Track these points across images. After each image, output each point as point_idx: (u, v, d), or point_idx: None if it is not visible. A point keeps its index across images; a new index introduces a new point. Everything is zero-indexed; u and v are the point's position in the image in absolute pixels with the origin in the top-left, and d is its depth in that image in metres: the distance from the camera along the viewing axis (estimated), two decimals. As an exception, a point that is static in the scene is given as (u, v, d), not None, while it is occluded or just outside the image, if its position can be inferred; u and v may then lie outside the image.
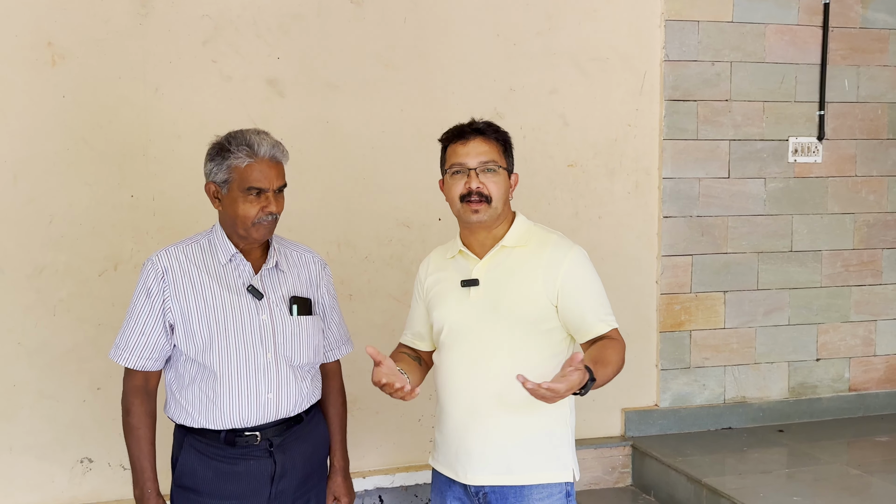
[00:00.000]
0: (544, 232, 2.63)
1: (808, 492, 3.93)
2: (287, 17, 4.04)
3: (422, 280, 2.74)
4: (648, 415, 4.74)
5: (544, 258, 2.53)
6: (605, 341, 2.51)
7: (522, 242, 2.57)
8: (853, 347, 5.05)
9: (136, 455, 2.58)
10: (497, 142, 2.57)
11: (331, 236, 4.15)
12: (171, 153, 3.89)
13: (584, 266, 2.56)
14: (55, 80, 3.76)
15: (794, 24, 4.78)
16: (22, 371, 3.81)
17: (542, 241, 2.58)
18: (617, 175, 4.60)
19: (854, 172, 4.97)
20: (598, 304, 2.55)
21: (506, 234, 2.58)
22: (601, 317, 2.53)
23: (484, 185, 2.50)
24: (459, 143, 2.54)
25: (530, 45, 4.40)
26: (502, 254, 2.56)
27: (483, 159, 2.52)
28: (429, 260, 2.76)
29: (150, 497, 2.58)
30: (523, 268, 2.53)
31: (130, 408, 2.59)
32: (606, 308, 2.56)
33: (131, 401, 2.59)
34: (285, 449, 2.59)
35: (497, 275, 2.54)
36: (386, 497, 4.27)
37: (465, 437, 2.53)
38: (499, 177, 2.53)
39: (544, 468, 2.52)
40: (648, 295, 4.71)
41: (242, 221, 2.50)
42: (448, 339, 2.58)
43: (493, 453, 2.50)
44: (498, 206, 2.53)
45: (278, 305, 2.58)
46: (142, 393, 2.59)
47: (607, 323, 2.53)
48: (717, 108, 4.71)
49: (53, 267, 3.81)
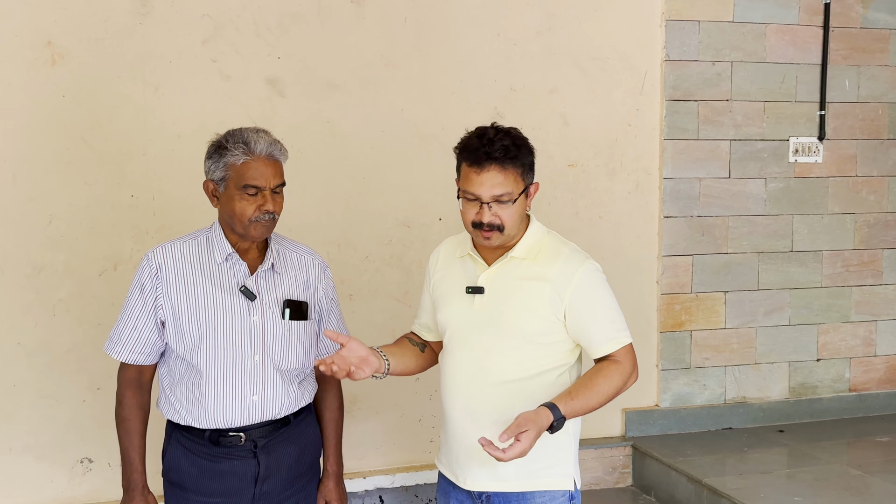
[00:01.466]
0: (557, 243, 2.53)
1: (809, 492, 3.92)
2: (287, 16, 4.03)
3: (431, 273, 2.68)
4: (649, 415, 4.73)
5: (553, 273, 2.45)
6: (602, 365, 2.46)
7: (533, 254, 2.48)
8: (854, 348, 5.04)
9: (125, 446, 2.60)
10: (516, 168, 2.40)
11: (331, 236, 4.15)
12: (171, 153, 3.88)
13: (594, 283, 2.48)
14: (55, 80, 3.75)
15: (795, 23, 4.78)
16: (21, 371, 3.80)
17: (554, 254, 2.49)
18: (617, 175, 4.60)
19: (854, 172, 4.96)
20: (607, 322, 2.48)
21: (517, 244, 2.49)
22: (610, 335, 2.48)
23: (497, 216, 2.39)
24: (474, 171, 2.37)
25: (530, 45, 4.40)
26: (511, 264, 2.48)
27: (497, 192, 2.37)
28: (438, 252, 2.69)
29: (136, 488, 2.60)
30: (531, 281, 2.45)
31: (122, 399, 2.60)
32: (617, 325, 2.50)
33: (123, 392, 2.60)
34: (270, 450, 2.57)
35: (503, 285, 2.48)
36: (386, 497, 4.26)
37: (465, 442, 2.51)
38: (514, 206, 2.41)
39: (544, 475, 2.49)
40: (649, 295, 4.70)
41: (239, 220, 2.48)
42: (451, 344, 2.56)
43: (492, 460, 2.42)
44: (511, 231, 2.44)
45: (271, 308, 2.56)
46: (134, 385, 2.60)
47: (617, 341, 2.48)
48: (717, 108, 4.70)
49: (53, 267, 3.81)
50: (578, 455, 2.62)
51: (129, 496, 2.61)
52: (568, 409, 2.34)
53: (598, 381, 2.42)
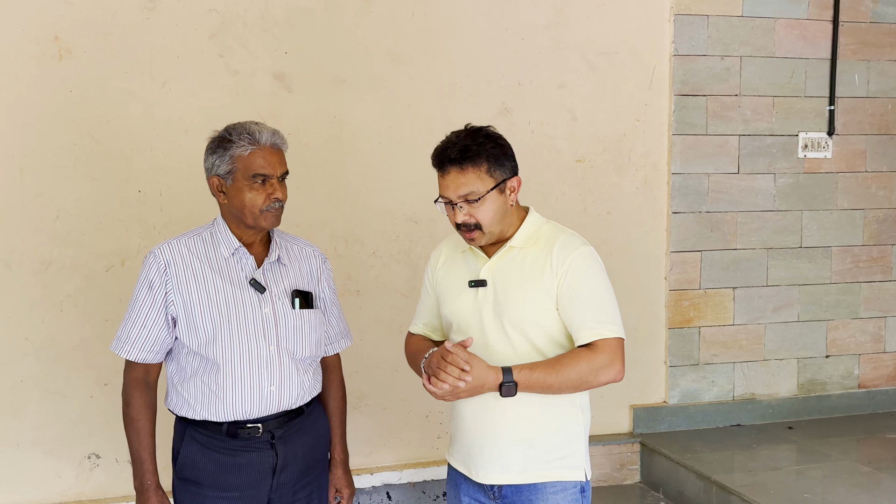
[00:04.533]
0: (554, 231, 2.52)
1: (819, 488, 3.91)
2: (294, 11, 4.02)
3: (432, 271, 2.69)
4: (657, 411, 4.72)
5: (550, 259, 2.44)
6: (575, 350, 2.41)
7: (531, 243, 2.49)
8: (863, 344, 5.02)
9: (135, 447, 2.58)
10: (476, 166, 2.39)
11: (338, 231, 4.14)
12: (179, 148, 3.88)
13: (587, 267, 2.44)
14: (62, 75, 3.75)
15: (804, 18, 4.75)
16: (29, 367, 3.80)
17: (551, 241, 2.48)
18: (625, 170, 4.58)
19: (864, 168, 4.94)
20: (590, 310, 2.41)
21: (515, 234, 2.50)
22: (591, 324, 2.40)
23: (470, 215, 2.41)
24: (439, 175, 2.43)
25: (538, 40, 4.38)
26: (510, 254, 2.49)
27: (462, 192, 2.39)
28: (440, 250, 2.71)
29: (150, 489, 2.57)
30: (531, 270, 2.45)
31: (130, 399, 2.58)
32: (603, 315, 2.41)
33: (131, 392, 2.59)
34: (287, 441, 2.58)
35: (503, 275, 2.48)
36: (393, 493, 4.25)
37: (476, 436, 2.51)
38: (485, 203, 2.41)
39: (556, 466, 2.48)
40: (657, 291, 4.69)
41: (250, 211, 2.50)
42: (457, 337, 2.55)
43: (505, 453, 2.47)
44: (493, 228, 2.44)
45: (280, 299, 2.58)
46: (142, 385, 2.58)
47: (596, 332, 2.39)
48: (726, 103, 4.68)
49: (60, 262, 3.80)
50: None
51: (142, 497, 2.59)
52: (522, 378, 2.34)
53: (562, 362, 2.38)
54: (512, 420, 2.45)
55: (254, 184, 2.48)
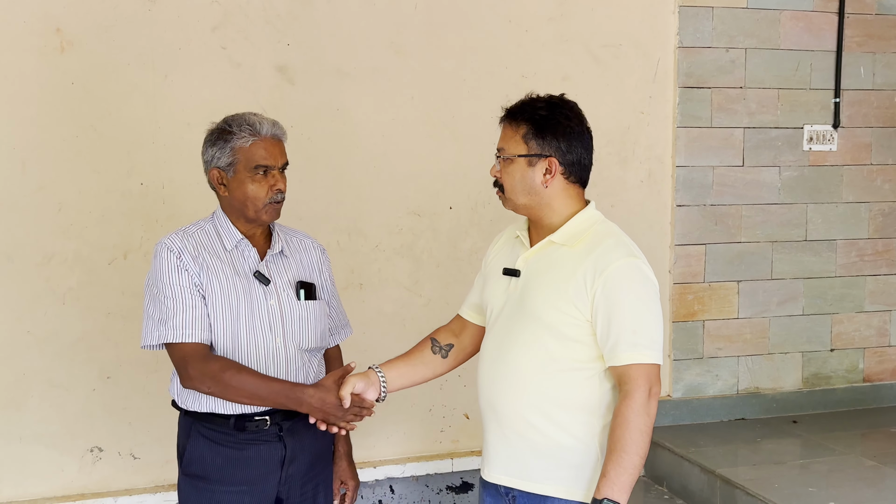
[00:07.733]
0: (601, 235, 2.30)
1: (823, 483, 3.90)
2: (297, 2, 4.00)
3: (490, 252, 2.58)
4: (661, 405, 4.65)
5: (587, 265, 2.24)
6: (614, 417, 2.21)
7: (572, 241, 2.30)
8: (868, 338, 5.01)
9: (264, 393, 2.43)
10: (517, 126, 2.32)
11: (341, 225, 4.13)
12: (181, 140, 3.86)
13: (625, 283, 2.22)
14: (64, 67, 3.73)
15: (810, 10, 4.73)
16: (31, 360, 3.79)
17: (593, 245, 2.27)
18: (630, 163, 4.56)
19: (869, 161, 4.92)
20: (626, 330, 2.20)
21: (559, 229, 2.32)
22: (625, 347, 2.20)
23: (499, 172, 2.35)
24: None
25: (542, 32, 4.36)
26: (549, 249, 2.33)
27: (499, 144, 2.35)
28: (502, 234, 2.58)
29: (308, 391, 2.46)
30: (561, 271, 2.27)
31: (216, 373, 2.41)
32: (639, 338, 2.20)
33: (210, 366, 2.41)
34: (295, 432, 2.57)
35: (535, 270, 2.34)
36: (397, 487, 4.25)
37: (485, 431, 2.44)
38: (511, 166, 2.31)
39: (559, 482, 2.30)
40: (661, 284, 4.58)
41: (253, 202, 2.49)
42: (487, 326, 2.47)
43: (509, 454, 2.36)
44: (514, 196, 2.32)
45: (285, 290, 2.57)
46: (209, 355, 2.45)
47: (630, 355, 2.19)
48: (731, 96, 4.66)
49: (62, 255, 3.79)
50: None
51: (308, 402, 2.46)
52: (607, 488, 2.15)
53: (618, 436, 2.17)
54: (513, 421, 2.35)
55: (256, 175, 2.48)
